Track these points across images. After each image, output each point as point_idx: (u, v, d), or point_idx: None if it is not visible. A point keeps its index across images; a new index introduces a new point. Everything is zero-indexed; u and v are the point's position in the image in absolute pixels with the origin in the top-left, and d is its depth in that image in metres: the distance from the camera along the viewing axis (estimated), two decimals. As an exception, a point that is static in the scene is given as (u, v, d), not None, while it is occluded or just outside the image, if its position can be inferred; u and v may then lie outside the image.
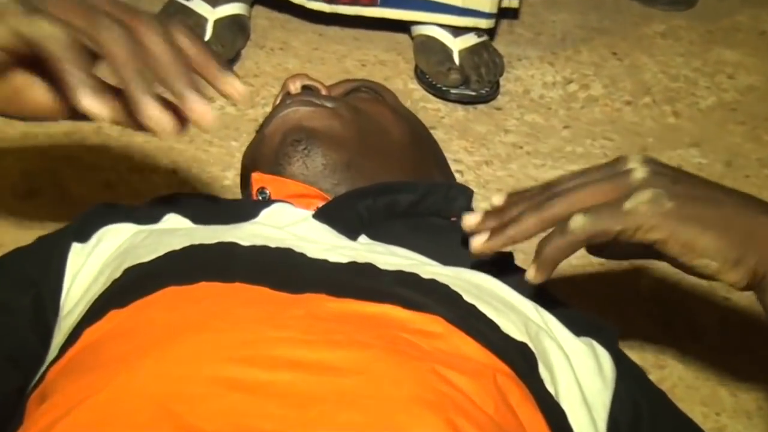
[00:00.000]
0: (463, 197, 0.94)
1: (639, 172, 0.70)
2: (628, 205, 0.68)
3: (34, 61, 0.63)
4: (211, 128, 0.62)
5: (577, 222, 0.68)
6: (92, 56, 0.61)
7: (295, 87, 1.04)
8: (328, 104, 0.98)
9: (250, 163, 1.01)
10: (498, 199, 0.75)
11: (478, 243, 0.74)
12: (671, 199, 0.68)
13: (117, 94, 0.61)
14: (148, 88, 0.59)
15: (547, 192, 0.72)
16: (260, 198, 0.93)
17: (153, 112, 0.59)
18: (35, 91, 0.69)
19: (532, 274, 0.71)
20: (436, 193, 0.92)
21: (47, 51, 0.59)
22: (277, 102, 1.06)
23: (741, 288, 0.70)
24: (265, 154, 0.97)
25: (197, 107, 0.61)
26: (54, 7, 0.62)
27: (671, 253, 0.68)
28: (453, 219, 0.93)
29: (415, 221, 0.90)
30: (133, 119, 0.61)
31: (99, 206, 0.89)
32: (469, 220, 0.75)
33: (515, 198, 0.75)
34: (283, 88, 1.07)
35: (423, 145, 1.06)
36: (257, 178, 0.94)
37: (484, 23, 1.61)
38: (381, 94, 1.08)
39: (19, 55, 0.63)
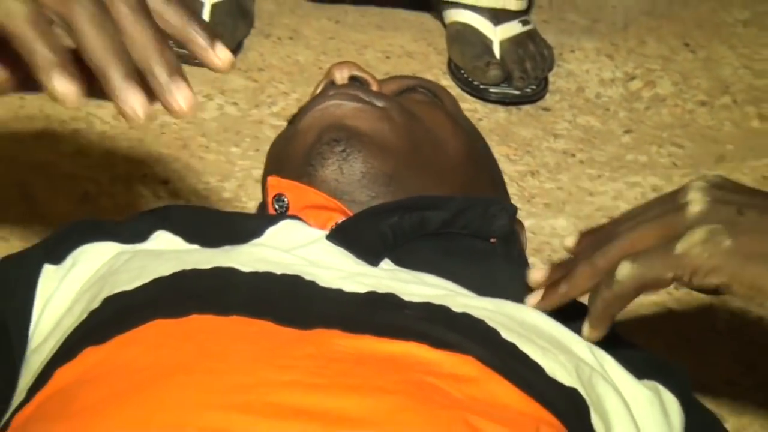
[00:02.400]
0: (505, 215, 0.94)
1: (696, 204, 0.70)
2: (679, 247, 0.68)
3: None
4: (191, 114, 0.63)
5: (624, 272, 0.69)
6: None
7: (341, 76, 1.03)
8: (378, 103, 0.97)
9: (272, 163, 1.02)
10: (570, 241, 0.75)
11: (532, 302, 0.77)
12: (732, 235, 0.68)
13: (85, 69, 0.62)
14: (126, 73, 0.61)
15: (607, 233, 0.73)
16: (276, 207, 0.93)
17: (133, 102, 0.60)
18: None
19: (587, 333, 0.73)
20: (472, 209, 0.92)
21: (8, 29, 0.60)
22: (318, 92, 1.05)
23: None
24: (293, 153, 0.96)
25: (179, 97, 0.62)
26: None
27: (739, 297, 0.69)
28: (493, 240, 0.93)
29: (448, 243, 0.90)
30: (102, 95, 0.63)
31: (76, 223, 0.90)
32: (535, 276, 0.77)
33: (584, 239, 0.76)
34: (326, 75, 1.06)
35: (481, 164, 1.05)
36: (273, 183, 0.94)
37: (514, 4, 1.61)
38: (440, 98, 1.08)
39: None
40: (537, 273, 0.76)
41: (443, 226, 0.90)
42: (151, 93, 0.63)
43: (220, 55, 0.65)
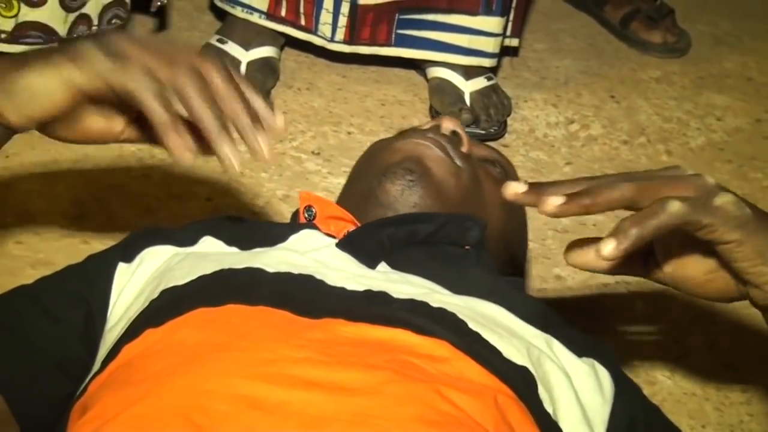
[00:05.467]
0: (477, 228, 0.92)
1: (709, 178, 0.67)
2: (717, 201, 0.65)
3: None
4: (271, 161, 0.71)
5: (674, 207, 0.63)
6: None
7: (446, 127, 0.98)
8: (458, 161, 0.94)
9: (366, 158, 1.00)
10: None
11: (552, 204, 0.64)
12: (748, 206, 0.66)
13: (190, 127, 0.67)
14: (221, 127, 0.66)
15: (634, 175, 0.68)
16: (306, 215, 0.91)
17: (226, 150, 0.66)
18: (93, 119, 0.73)
19: (609, 249, 0.63)
20: (452, 223, 0.90)
21: (139, 99, 0.65)
22: (425, 127, 1.01)
23: None
24: (381, 160, 0.94)
25: (261, 143, 0.68)
26: (137, 55, 0.66)
27: (740, 256, 0.66)
28: (467, 247, 0.92)
29: (432, 249, 0.88)
30: (202, 148, 0.68)
31: (142, 230, 0.90)
32: (517, 187, 0.67)
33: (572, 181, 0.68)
34: (437, 120, 1.01)
35: (508, 240, 1.01)
36: (304, 197, 0.93)
37: (487, 62, 1.60)
38: (509, 178, 1.02)
39: (100, 96, 0.67)
40: (519, 186, 0.66)
41: (429, 236, 0.88)
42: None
43: (280, 124, 0.71)
